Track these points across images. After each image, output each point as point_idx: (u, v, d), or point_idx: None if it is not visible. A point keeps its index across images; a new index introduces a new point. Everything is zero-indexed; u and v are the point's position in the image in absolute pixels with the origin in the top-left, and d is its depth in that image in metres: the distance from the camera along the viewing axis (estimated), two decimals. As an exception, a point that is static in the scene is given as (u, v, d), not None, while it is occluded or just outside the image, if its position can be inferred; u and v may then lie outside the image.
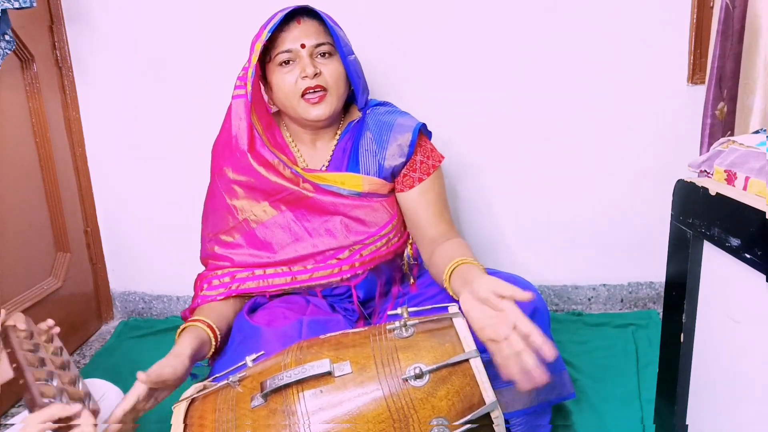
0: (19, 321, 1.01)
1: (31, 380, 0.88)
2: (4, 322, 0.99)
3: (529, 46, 1.78)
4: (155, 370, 1.00)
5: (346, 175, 1.30)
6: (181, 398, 0.94)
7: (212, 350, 1.18)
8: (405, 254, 1.38)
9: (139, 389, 0.97)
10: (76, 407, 0.83)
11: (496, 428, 0.82)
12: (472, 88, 1.82)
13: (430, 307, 0.94)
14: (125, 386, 1.21)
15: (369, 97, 1.38)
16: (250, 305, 1.29)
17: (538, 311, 1.15)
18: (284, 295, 1.33)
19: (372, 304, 1.36)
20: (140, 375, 0.98)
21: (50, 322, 1.05)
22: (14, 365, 0.91)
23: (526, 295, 0.92)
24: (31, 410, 0.83)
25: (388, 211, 1.33)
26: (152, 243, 2.02)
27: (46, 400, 0.84)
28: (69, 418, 0.82)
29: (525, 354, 0.87)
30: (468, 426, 0.80)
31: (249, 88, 1.24)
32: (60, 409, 0.82)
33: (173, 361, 1.05)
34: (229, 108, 1.29)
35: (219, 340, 1.19)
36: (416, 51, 1.80)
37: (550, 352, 0.87)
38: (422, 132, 1.34)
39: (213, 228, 1.35)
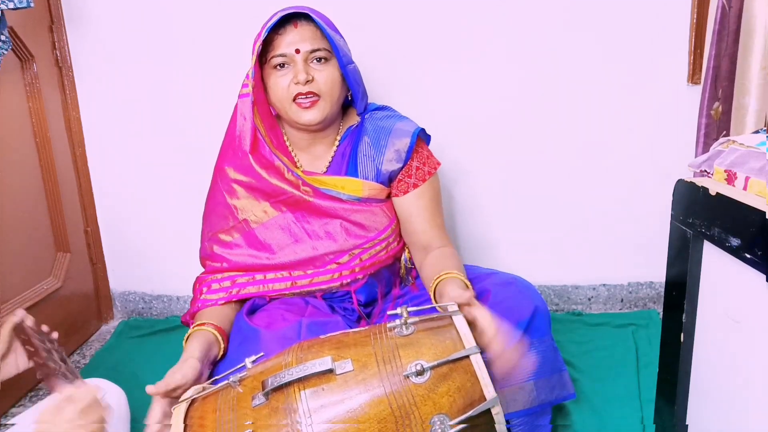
0: (27, 319, 1.04)
1: (48, 360, 0.92)
2: (21, 320, 1.02)
3: (527, 47, 1.78)
4: (164, 380, 1.00)
5: (346, 180, 1.30)
6: (180, 399, 0.94)
7: (221, 351, 1.18)
8: (403, 258, 1.39)
9: (161, 403, 0.97)
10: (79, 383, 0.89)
11: (496, 425, 0.82)
12: (470, 89, 1.82)
13: (429, 306, 0.95)
14: (125, 386, 1.21)
15: (368, 101, 1.37)
16: (249, 306, 1.28)
17: (538, 311, 1.16)
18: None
19: (372, 306, 1.36)
20: (149, 388, 0.98)
21: (46, 327, 1.07)
22: (29, 347, 0.95)
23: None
24: (47, 382, 0.89)
25: (387, 215, 1.33)
26: (152, 243, 2.02)
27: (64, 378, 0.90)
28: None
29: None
30: (469, 423, 0.80)
31: (250, 85, 1.24)
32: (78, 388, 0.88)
33: (182, 366, 1.04)
34: (236, 107, 1.29)
35: (227, 340, 1.19)
36: (414, 56, 1.80)
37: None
38: (421, 137, 1.34)
39: (212, 227, 1.34)
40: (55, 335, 1.05)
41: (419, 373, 0.81)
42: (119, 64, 1.87)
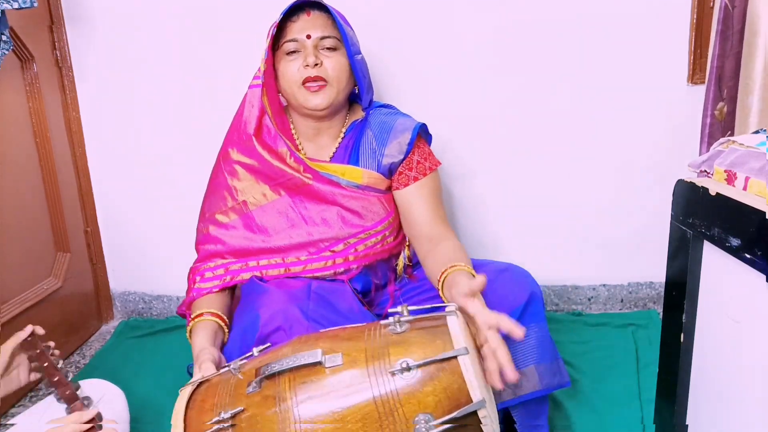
0: (39, 330, 1.04)
1: (64, 380, 0.97)
2: (32, 333, 1.02)
3: (528, 47, 1.78)
4: (200, 373, 1.02)
5: (347, 167, 1.33)
6: (189, 382, 0.98)
7: (226, 337, 1.20)
8: (402, 255, 1.39)
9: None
10: (93, 411, 0.95)
11: (483, 428, 0.82)
12: (471, 89, 1.82)
13: (429, 306, 0.95)
14: (125, 386, 1.21)
15: (373, 98, 1.40)
16: (257, 278, 1.31)
17: (534, 296, 1.18)
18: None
19: (368, 296, 1.38)
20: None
21: (53, 343, 1.07)
22: (46, 364, 0.99)
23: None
24: (70, 404, 0.95)
25: (385, 207, 1.34)
26: (152, 243, 2.02)
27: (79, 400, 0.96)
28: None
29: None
30: (454, 424, 0.80)
31: (262, 68, 1.28)
32: (94, 412, 0.95)
33: (205, 355, 1.07)
34: (245, 96, 1.33)
35: (228, 326, 1.21)
36: (416, 55, 1.80)
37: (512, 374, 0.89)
38: (421, 134, 1.36)
39: (211, 207, 1.36)
40: (57, 352, 1.05)
41: (405, 370, 0.81)
42: (119, 64, 1.87)
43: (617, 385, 1.56)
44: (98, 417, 0.98)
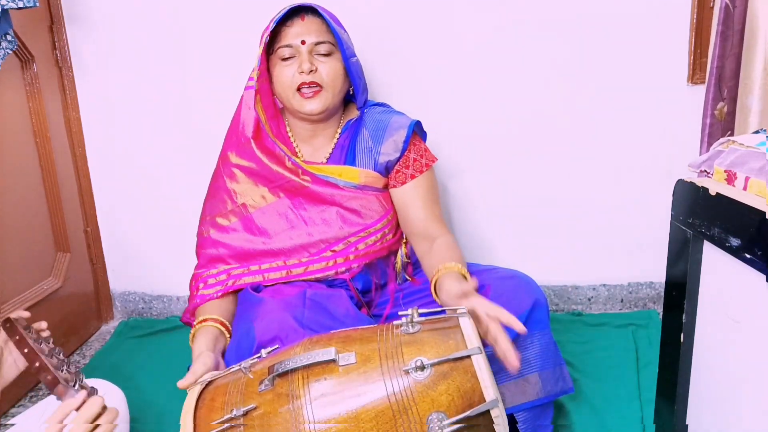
0: (22, 314, 1.03)
1: (48, 363, 0.91)
2: (7, 318, 1.00)
3: (528, 47, 1.78)
4: (190, 373, 1.02)
5: (344, 168, 1.33)
6: (197, 381, 0.98)
7: (227, 343, 1.20)
8: (399, 253, 1.40)
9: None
10: (83, 394, 0.89)
11: (496, 427, 0.82)
12: (469, 88, 1.82)
13: (439, 309, 0.96)
14: (125, 386, 1.21)
15: (368, 98, 1.40)
16: (252, 287, 1.31)
17: (538, 304, 1.18)
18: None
19: (369, 296, 1.38)
20: (180, 384, 1.00)
21: (43, 324, 1.05)
22: (26, 350, 0.94)
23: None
24: (53, 390, 0.89)
25: (384, 205, 1.35)
26: (152, 243, 2.02)
27: (69, 383, 0.90)
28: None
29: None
30: (467, 423, 0.80)
31: (255, 75, 1.27)
32: (82, 396, 0.89)
33: (200, 358, 1.07)
34: (241, 98, 1.33)
35: (230, 332, 1.22)
36: (412, 54, 1.80)
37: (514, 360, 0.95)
38: (416, 132, 1.37)
39: (211, 211, 1.37)
40: (45, 331, 1.03)
41: (419, 369, 0.82)
42: (119, 64, 1.87)
43: (617, 385, 1.56)
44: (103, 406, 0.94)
